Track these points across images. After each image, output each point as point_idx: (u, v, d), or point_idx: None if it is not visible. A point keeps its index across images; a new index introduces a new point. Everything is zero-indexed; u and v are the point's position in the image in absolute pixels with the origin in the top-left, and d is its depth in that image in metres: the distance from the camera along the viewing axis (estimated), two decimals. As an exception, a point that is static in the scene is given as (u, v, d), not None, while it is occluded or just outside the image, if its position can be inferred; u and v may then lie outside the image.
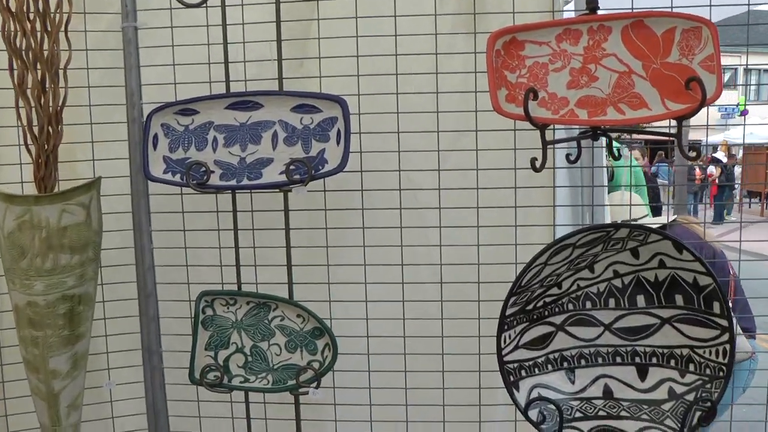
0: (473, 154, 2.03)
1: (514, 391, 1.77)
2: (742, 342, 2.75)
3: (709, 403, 1.72)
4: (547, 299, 1.83)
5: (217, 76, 1.99)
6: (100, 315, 2.08)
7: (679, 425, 1.73)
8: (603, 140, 1.86)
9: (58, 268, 1.87)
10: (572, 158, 1.85)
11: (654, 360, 1.84)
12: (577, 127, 1.94)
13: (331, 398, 2.04)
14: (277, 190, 1.88)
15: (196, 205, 2.06)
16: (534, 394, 1.79)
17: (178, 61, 2.01)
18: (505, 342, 1.78)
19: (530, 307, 1.81)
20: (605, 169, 3.71)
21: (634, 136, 1.89)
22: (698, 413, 1.72)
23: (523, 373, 1.81)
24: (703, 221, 3.07)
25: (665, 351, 1.83)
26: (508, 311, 1.77)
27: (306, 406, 2.03)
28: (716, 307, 1.74)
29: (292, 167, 1.82)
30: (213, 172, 1.87)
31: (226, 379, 1.96)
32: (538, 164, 1.67)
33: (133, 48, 1.94)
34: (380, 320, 1.99)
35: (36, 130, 1.79)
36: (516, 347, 1.81)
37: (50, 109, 1.76)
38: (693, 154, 1.67)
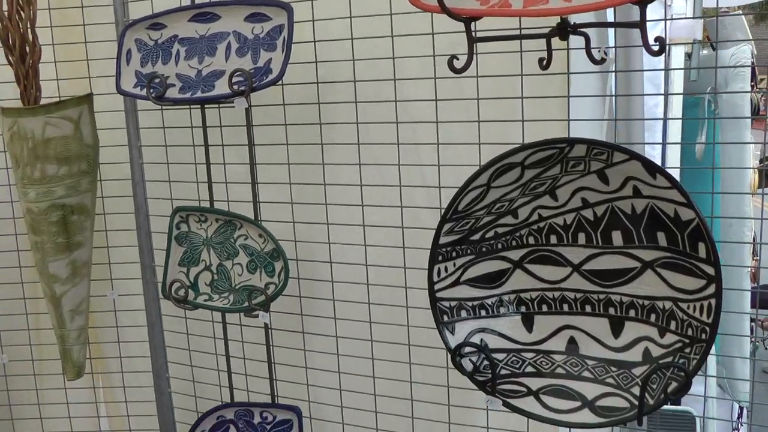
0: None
1: (447, 333, 1.54)
2: None
3: (683, 373, 1.35)
4: (500, 230, 1.55)
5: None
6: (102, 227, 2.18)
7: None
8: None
9: (46, 178, 1.97)
10: (544, 63, 1.53)
11: (632, 313, 1.49)
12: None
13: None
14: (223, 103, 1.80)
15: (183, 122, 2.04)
16: (476, 340, 1.54)
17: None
18: (439, 275, 1.54)
19: (476, 237, 1.55)
20: (748, 97, 3.07)
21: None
22: (672, 384, 1.37)
23: (464, 313, 1.56)
24: None
25: (646, 303, 1.46)
26: (443, 240, 1.52)
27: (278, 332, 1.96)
28: (701, 250, 1.35)
29: (236, 78, 1.72)
30: (173, 85, 1.84)
31: (192, 296, 1.95)
32: (459, 65, 1.40)
33: (114, -38, 1.95)
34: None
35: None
36: (456, 283, 1.55)
37: (20, 27, 1.84)
38: (657, 47, 1.28)
